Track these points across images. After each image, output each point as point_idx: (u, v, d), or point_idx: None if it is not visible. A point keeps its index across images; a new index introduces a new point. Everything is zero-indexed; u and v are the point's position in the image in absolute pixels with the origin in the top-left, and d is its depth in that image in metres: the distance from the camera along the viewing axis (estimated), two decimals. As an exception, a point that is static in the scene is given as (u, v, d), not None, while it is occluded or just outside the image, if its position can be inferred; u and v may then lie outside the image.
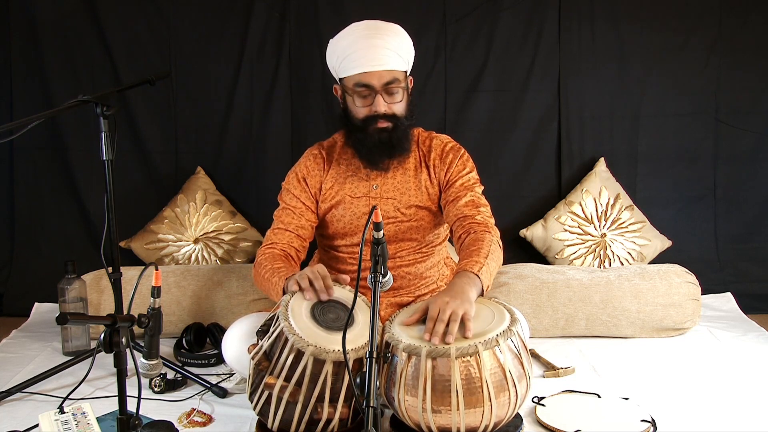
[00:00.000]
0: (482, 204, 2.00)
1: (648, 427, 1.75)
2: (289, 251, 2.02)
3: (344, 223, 2.06)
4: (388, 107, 1.94)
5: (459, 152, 2.07)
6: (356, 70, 1.91)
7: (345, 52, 1.92)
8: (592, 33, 2.96)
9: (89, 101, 1.86)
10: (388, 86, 1.92)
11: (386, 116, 1.94)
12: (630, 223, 2.90)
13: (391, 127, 1.95)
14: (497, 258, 1.87)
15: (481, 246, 1.83)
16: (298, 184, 2.09)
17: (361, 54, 1.89)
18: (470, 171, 2.06)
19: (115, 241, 2.01)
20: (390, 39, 1.92)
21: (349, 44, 1.92)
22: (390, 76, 1.91)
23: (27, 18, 2.93)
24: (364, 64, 1.90)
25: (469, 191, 2.00)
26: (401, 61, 1.94)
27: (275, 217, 2.10)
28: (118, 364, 1.41)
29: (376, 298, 1.52)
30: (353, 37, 1.92)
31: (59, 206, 3.03)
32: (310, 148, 2.16)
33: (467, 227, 1.93)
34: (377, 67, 1.89)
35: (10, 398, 1.99)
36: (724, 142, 3.01)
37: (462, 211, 1.97)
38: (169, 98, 2.98)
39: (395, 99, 1.94)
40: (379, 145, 1.96)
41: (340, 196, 2.06)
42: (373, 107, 1.93)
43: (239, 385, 2.07)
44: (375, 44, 1.89)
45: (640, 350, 2.38)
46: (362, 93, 1.93)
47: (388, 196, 2.05)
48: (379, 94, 1.92)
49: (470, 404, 1.54)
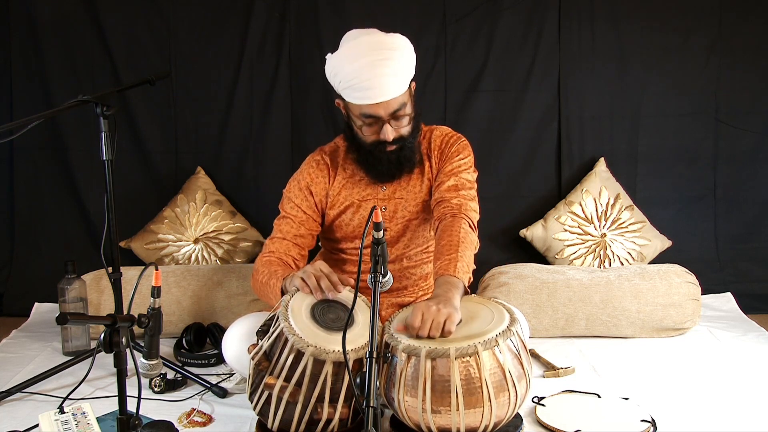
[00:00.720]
0: (465, 188, 1.97)
1: (648, 427, 1.75)
2: (287, 260, 1.99)
3: (353, 227, 2.06)
4: (396, 132, 1.91)
5: (459, 141, 2.05)
6: (362, 101, 1.86)
7: (349, 80, 1.84)
8: (592, 33, 2.96)
9: (89, 101, 1.86)
10: (396, 113, 1.88)
11: (394, 141, 1.92)
12: (630, 223, 2.90)
13: (399, 147, 1.94)
14: (470, 243, 1.84)
15: (451, 237, 1.81)
16: (300, 193, 2.05)
17: (366, 85, 1.82)
18: (464, 157, 2.02)
19: (115, 241, 2.01)
20: (394, 63, 1.84)
21: (353, 72, 1.83)
22: (397, 103, 1.86)
23: (27, 18, 2.93)
24: (370, 96, 1.84)
25: (455, 176, 1.98)
26: (405, 82, 1.89)
27: (275, 225, 2.07)
28: (118, 364, 1.41)
29: (376, 298, 1.52)
30: (357, 64, 1.82)
31: (59, 206, 3.03)
32: (312, 154, 2.12)
33: (441, 213, 1.92)
34: (383, 98, 1.84)
35: (10, 398, 2.00)
36: (724, 142, 3.01)
37: (442, 195, 1.95)
38: (169, 98, 2.98)
39: (402, 124, 1.91)
40: (388, 165, 1.96)
41: (350, 200, 2.04)
42: (382, 135, 1.90)
43: (239, 385, 2.07)
44: (380, 74, 1.81)
45: (640, 350, 2.38)
46: (369, 122, 1.90)
47: (397, 197, 2.04)
48: (387, 123, 1.88)
49: (470, 404, 1.54)
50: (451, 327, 1.59)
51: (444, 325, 1.58)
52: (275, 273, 1.88)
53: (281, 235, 2.03)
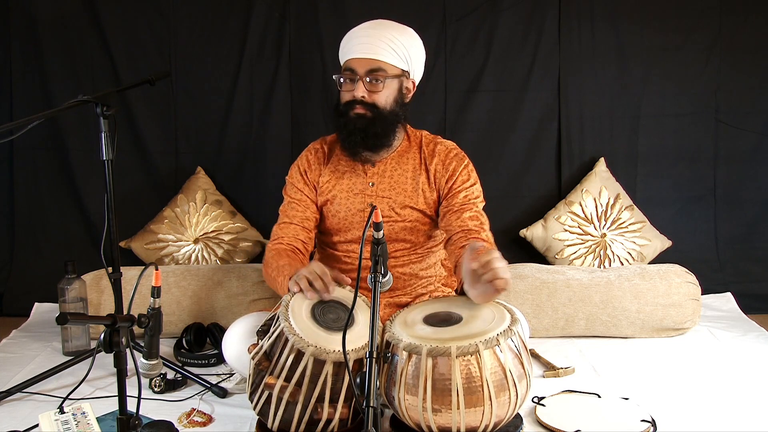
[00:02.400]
0: (485, 221, 2.01)
1: (648, 427, 1.75)
2: (296, 244, 2.03)
3: (339, 218, 2.07)
4: (368, 95, 1.95)
5: (463, 161, 2.06)
6: (347, 56, 1.98)
7: (345, 40, 2.00)
8: (592, 33, 2.96)
9: (89, 101, 1.87)
10: (371, 73, 1.94)
11: (364, 103, 1.95)
12: (630, 223, 2.90)
13: (370, 116, 1.96)
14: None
15: (482, 245, 1.82)
16: (301, 178, 2.11)
17: (355, 42, 1.96)
18: (474, 183, 2.05)
19: (115, 241, 2.01)
20: (389, 32, 1.95)
21: (352, 32, 2.00)
22: (375, 64, 1.94)
23: (27, 18, 2.93)
24: (355, 50, 1.95)
25: (474, 206, 2.01)
26: (395, 55, 1.95)
27: (281, 211, 2.11)
28: (118, 364, 1.41)
29: (376, 298, 1.52)
30: (359, 27, 1.99)
31: (59, 206, 3.03)
32: (314, 142, 2.18)
33: (464, 237, 1.94)
34: (364, 54, 1.94)
35: (10, 398, 2.00)
36: (724, 142, 3.01)
37: (467, 224, 1.97)
38: (169, 98, 2.98)
39: (377, 88, 1.95)
40: (354, 131, 1.97)
41: (336, 191, 2.07)
42: (354, 92, 1.95)
43: (239, 385, 2.07)
44: (370, 33, 1.95)
45: (640, 350, 2.38)
46: (347, 77, 1.97)
47: (383, 195, 2.05)
48: (361, 80, 1.94)
49: (470, 403, 1.54)
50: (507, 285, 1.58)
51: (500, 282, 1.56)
52: (282, 269, 1.88)
53: (288, 220, 2.07)
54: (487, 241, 1.94)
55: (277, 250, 2.00)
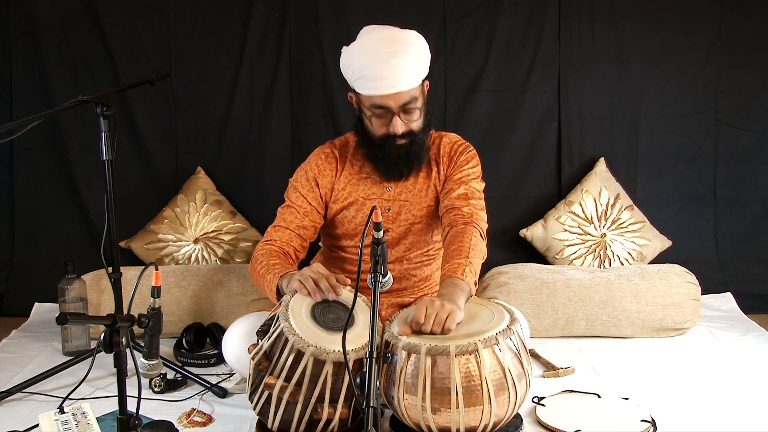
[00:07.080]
0: (475, 197, 1.98)
1: (648, 427, 1.75)
2: (288, 250, 2.00)
3: (355, 224, 2.06)
4: (406, 126, 1.91)
5: (468, 149, 2.07)
6: (373, 92, 1.87)
7: (362, 70, 1.86)
8: (592, 33, 2.96)
9: (89, 101, 1.86)
10: (406, 106, 1.89)
11: (404, 135, 1.92)
12: (630, 223, 2.90)
13: (409, 142, 1.94)
14: (479, 252, 1.86)
15: (462, 243, 1.83)
16: (307, 183, 2.06)
17: (377, 75, 1.84)
18: (473, 166, 2.04)
19: (115, 241, 2.01)
20: (408, 57, 1.85)
21: (366, 63, 1.85)
22: (407, 96, 1.87)
23: (27, 17, 2.93)
24: (382, 86, 1.85)
25: (464, 184, 1.99)
26: (418, 77, 1.90)
27: (278, 213, 2.08)
28: (118, 364, 1.41)
29: (376, 298, 1.52)
30: (371, 55, 1.85)
31: (59, 206, 3.03)
32: (321, 146, 2.12)
33: (452, 219, 1.93)
34: (394, 89, 1.85)
35: (10, 398, 2.00)
36: (724, 142, 3.01)
37: (452, 203, 1.96)
38: (169, 98, 2.98)
39: (412, 118, 1.92)
40: (397, 160, 1.96)
41: (353, 197, 2.04)
42: (391, 128, 1.90)
43: (239, 385, 2.07)
44: (393, 65, 1.83)
45: (640, 350, 2.38)
46: (379, 114, 1.90)
47: (402, 198, 2.04)
48: (397, 115, 1.89)
49: (470, 403, 1.54)
50: (452, 324, 1.60)
51: (445, 322, 1.59)
52: (273, 267, 1.88)
53: (284, 225, 2.03)
54: (466, 215, 1.91)
55: (268, 250, 1.98)
